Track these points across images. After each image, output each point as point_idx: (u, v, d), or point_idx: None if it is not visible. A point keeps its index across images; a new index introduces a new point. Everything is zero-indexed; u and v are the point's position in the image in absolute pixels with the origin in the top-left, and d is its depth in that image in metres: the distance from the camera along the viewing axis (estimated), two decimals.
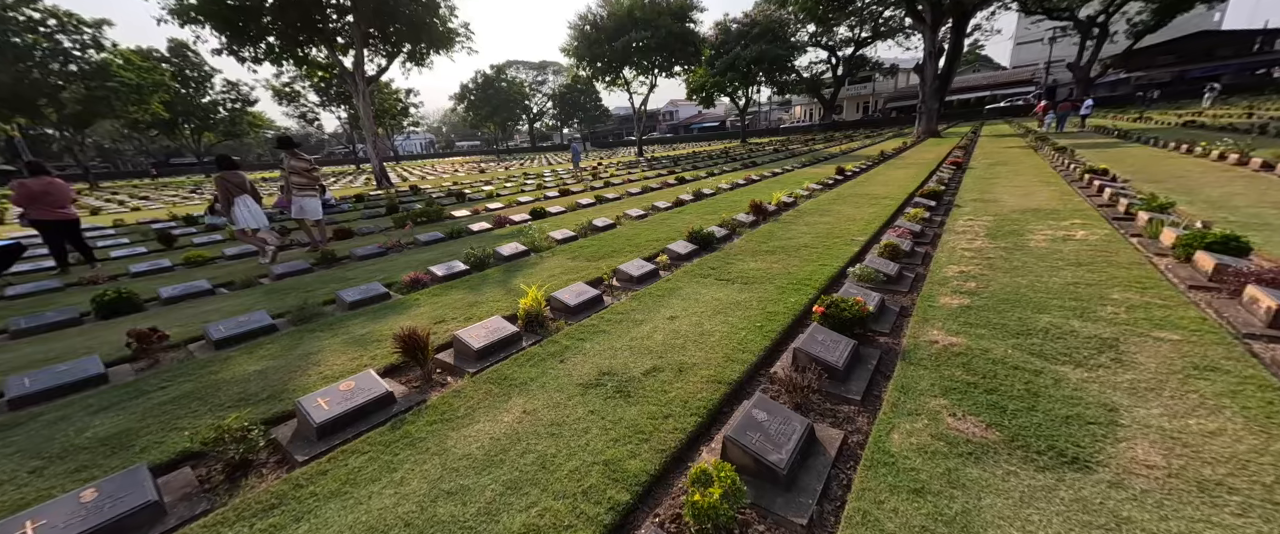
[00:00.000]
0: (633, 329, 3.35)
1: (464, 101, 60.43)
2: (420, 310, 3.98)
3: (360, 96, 17.50)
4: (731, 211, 7.66)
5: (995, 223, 5.66)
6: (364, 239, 7.60)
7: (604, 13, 29.31)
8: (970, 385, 2.33)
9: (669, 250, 5.31)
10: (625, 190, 11.64)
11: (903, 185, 9.26)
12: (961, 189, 8.26)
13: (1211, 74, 41.63)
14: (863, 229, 5.96)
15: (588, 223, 7.22)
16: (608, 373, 2.73)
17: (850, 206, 7.48)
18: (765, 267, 4.64)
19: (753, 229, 6.47)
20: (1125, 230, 4.91)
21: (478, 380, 2.71)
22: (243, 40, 16.75)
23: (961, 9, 23.54)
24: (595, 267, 5.05)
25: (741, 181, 11.91)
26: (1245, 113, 18.38)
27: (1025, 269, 3.98)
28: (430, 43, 19.21)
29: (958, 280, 3.85)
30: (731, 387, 2.52)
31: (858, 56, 47.30)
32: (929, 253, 4.86)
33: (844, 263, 4.62)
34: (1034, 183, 8.26)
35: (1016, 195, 7.21)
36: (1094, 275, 3.70)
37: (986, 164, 11.44)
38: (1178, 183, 7.16)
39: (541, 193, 12.71)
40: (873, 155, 16.31)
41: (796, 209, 7.63)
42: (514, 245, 5.94)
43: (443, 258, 5.74)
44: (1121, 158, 10.50)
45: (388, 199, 12.94)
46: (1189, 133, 14.43)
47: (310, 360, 3.08)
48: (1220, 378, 2.22)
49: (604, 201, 10.34)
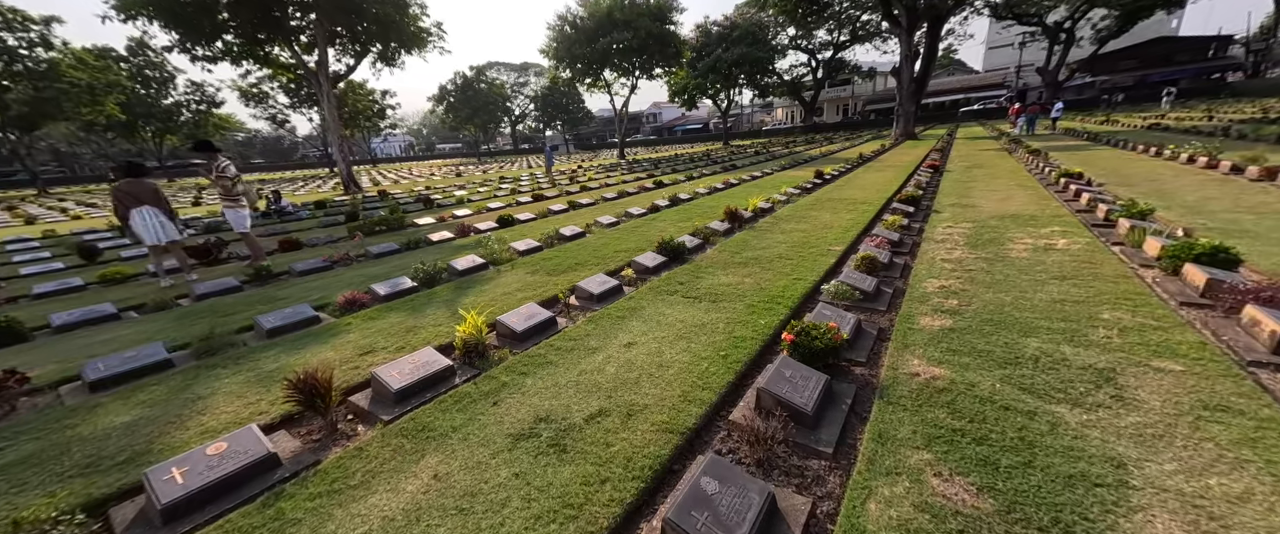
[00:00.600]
0: (584, 360, 2.97)
1: (443, 103, 59.19)
2: (348, 338, 3.53)
3: (325, 98, 16.72)
4: (707, 219, 7.36)
5: (975, 230, 5.45)
6: (313, 251, 7.04)
7: (583, 13, 28.89)
8: (957, 433, 2.02)
9: (636, 263, 4.95)
10: (601, 195, 11.26)
11: (881, 189, 9.09)
12: (939, 193, 8.12)
13: (1170, 78, 43.36)
14: (840, 237, 5.69)
15: (555, 232, 6.81)
16: (546, 418, 2.35)
17: (828, 213, 7.24)
18: (736, 281, 4.32)
19: (727, 237, 6.16)
20: (1106, 238, 4.74)
21: (389, 432, 2.29)
22: (196, 37, 15.82)
23: (935, 13, 23.87)
24: (555, 282, 4.65)
25: (720, 186, 11.64)
26: (1206, 115, 18.97)
27: (1008, 283, 3.73)
28: (400, 42, 18.51)
29: (938, 297, 3.58)
30: (685, 437, 2.16)
31: (837, 60, 47.91)
32: (908, 264, 4.60)
33: (820, 276, 4.32)
34: (1011, 186, 8.16)
35: (994, 200, 7.07)
36: (1081, 290, 3.47)
37: (963, 167, 11.41)
38: (1151, 186, 7.12)
39: (514, 198, 12.24)
40: (851, 158, 16.27)
41: (773, 215, 7.36)
42: (471, 258, 5.50)
43: (393, 273, 5.27)
44: (1093, 160, 10.57)
45: (351, 205, 12.29)
46: (1155, 135, 14.74)
47: (196, 408, 2.61)
48: (1234, 421, 1.95)
49: (577, 208, 9.93)
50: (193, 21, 15.32)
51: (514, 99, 69.73)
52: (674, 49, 30.57)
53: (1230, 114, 18.78)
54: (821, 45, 47.10)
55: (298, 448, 2.24)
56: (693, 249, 5.55)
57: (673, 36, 30.17)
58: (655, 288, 4.27)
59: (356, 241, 6.33)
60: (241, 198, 5.85)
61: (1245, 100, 27.22)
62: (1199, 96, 34.70)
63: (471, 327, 3.12)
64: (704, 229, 6.24)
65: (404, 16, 17.54)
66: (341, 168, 17.71)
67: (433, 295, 4.50)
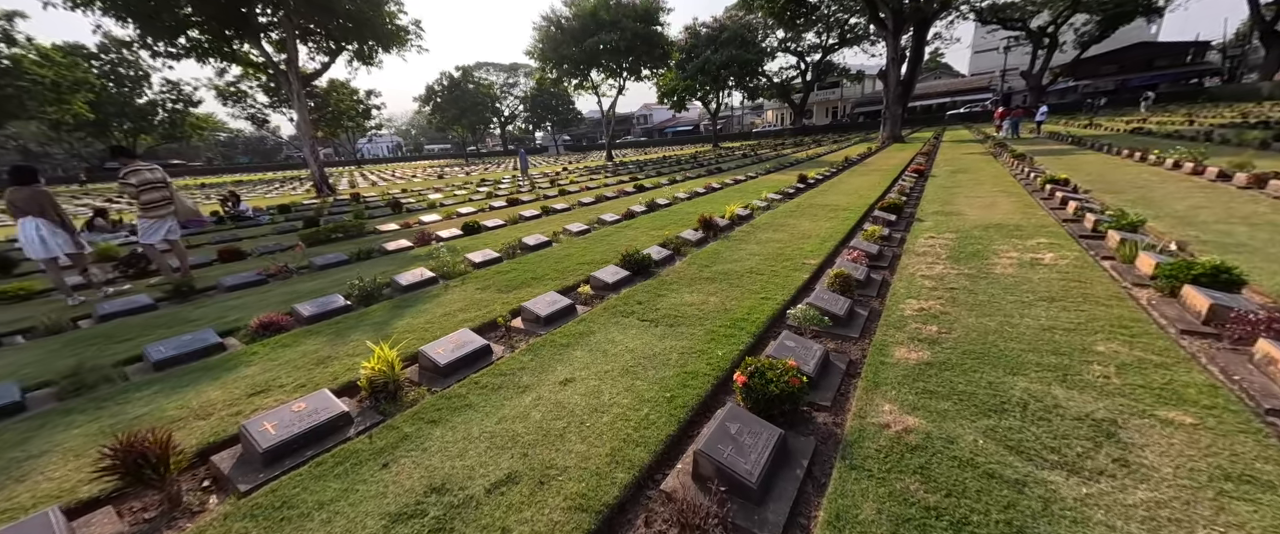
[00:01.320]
0: (509, 402, 2.56)
1: (429, 103, 58.30)
2: (246, 372, 3.07)
3: (295, 97, 16.06)
4: (681, 226, 6.98)
5: (958, 241, 5.13)
6: (255, 262, 6.52)
7: (569, 14, 28.47)
8: (930, 513, 1.64)
9: (596, 279, 4.54)
10: (577, 200, 10.84)
11: (863, 195, 8.79)
12: (923, 200, 7.83)
13: (1150, 83, 44.18)
14: (817, 248, 5.34)
15: (518, 241, 6.38)
16: (440, 488, 1.93)
17: (807, 220, 6.90)
18: (700, 301, 3.93)
19: (699, 248, 5.78)
20: (1096, 252, 4.44)
21: (239, 511, 1.85)
22: (156, 32, 15.11)
23: (921, 16, 23.87)
24: (504, 301, 4.23)
25: (701, 190, 11.28)
26: (1186, 120, 19.09)
27: (993, 305, 3.39)
28: (376, 40, 17.93)
29: (917, 320, 3.22)
30: (601, 518, 1.75)
31: (825, 62, 47.99)
32: (886, 280, 4.26)
33: (790, 295, 3.95)
34: (995, 193, 7.91)
35: (979, 208, 6.78)
36: (1071, 315, 3.13)
37: (948, 171, 11.19)
38: (1139, 194, 6.89)
39: (487, 203, 11.76)
40: (837, 161, 16.04)
41: (751, 223, 7.00)
42: (418, 272, 5.05)
43: (331, 288, 4.80)
44: (1078, 165, 10.39)
45: (316, 210, 11.73)
46: (1139, 139, 14.71)
47: (14, 473, 2.14)
48: (1265, 497, 1.60)
49: (550, 214, 9.50)
50: (152, 15, 14.61)
51: (503, 100, 69.01)
52: (661, 50, 30.28)
53: (1211, 119, 18.92)
54: (810, 48, 47.19)
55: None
56: (660, 262, 5.16)
57: (660, 37, 29.89)
58: (611, 308, 3.87)
59: (298, 252, 5.83)
60: (158, 207, 5.31)
61: (1223, 104, 27.63)
62: (1178, 101, 35.27)
63: (381, 362, 2.69)
64: (675, 239, 5.85)
65: (379, 13, 16.98)
66: (313, 169, 17.06)
67: (364, 317, 4.05)
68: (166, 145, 60.60)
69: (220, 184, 31.10)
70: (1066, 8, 35.53)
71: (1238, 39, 46.76)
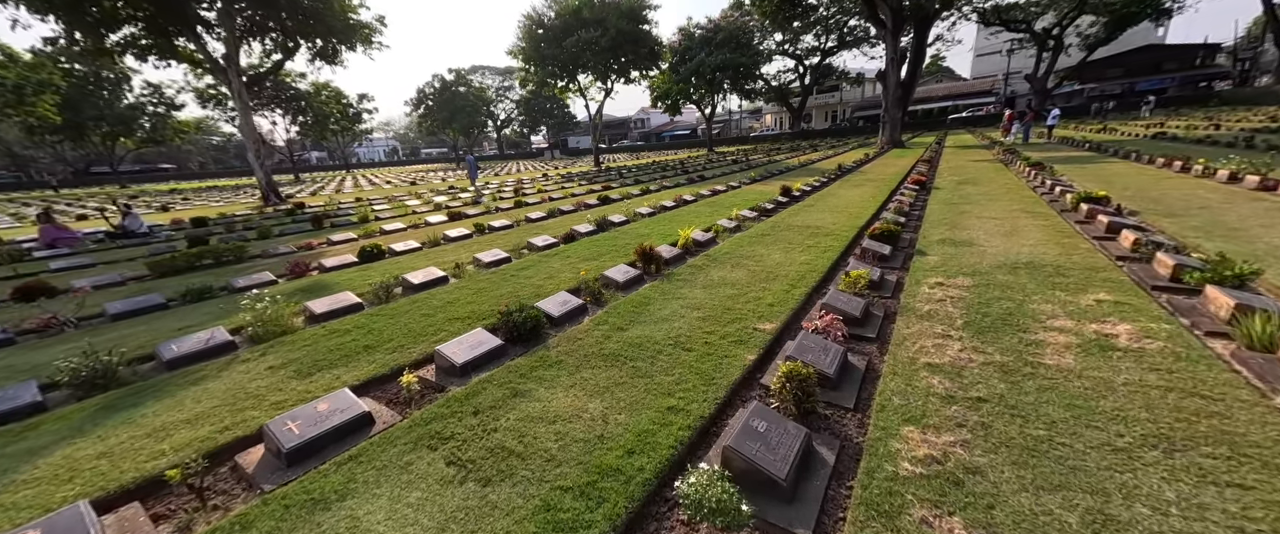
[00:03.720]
0: None
1: (420, 107, 57.05)
2: None
3: (236, 96, 14.65)
4: (622, 256, 5.49)
5: (976, 292, 3.62)
6: (56, 303, 5.01)
7: (551, 13, 27.12)
8: None
9: (443, 356, 3.04)
10: (525, 215, 9.33)
11: (854, 214, 7.29)
12: (926, 221, 6.33)
13: (1158, 87, 42.81)
14: (781, 299, 3.84)
15: (396, 278, 4.89)
16: None
17: (779, 250, 5.40)
18: (574, 408, 2.44)
19: (627, 292, 4.28)
20: (1191, 321, 2.93)
21: None
22: (84, 26, 13.71)
23: (922, 14, 22.47)
24: (281, 398, 2.74)
25: (669, 204, 9.78)
26: (1211, 124, 17.58)
27: (1058, 453, 1.89)
28: (332, 36, 16.55)
29: (919, 491, 1.72)
30: None
31: (824, 65, 46.65)
32: (872, 368, 2.76)
33: (717, 403, 2.45)
34: (1015, 211, 6.41)
35: (998, 234, 5.28)
36: (1207, 487, 1.63)
37: (954, 182, 9.69)
38: (1204, 217, 5.37)
39: (424, 217, 10.26)
40: (830, 169, 14.54)
41: (708, 253, 5.50)
42: (207, 335, 3.55)
43: (102, 345, 3.29)
44: (1108, 176, 8.88)
45: (229, 224, 10.26)
46: (1168, 146, 13.20)
47: None
48: None
49: (484, 233, 8.01)
50: (75, 7, 13.23)
51: (498, 103, 67.98)
52: (648, 50, 28.88)
53: (1238, 122, 17.41)
54: (808, 51, 45.90)
55: None
56: (561, 319, 3.67)
57: (647, 37, 28.49)
58: (414, 429, 2.36)
59: (79, 296, 4.32)
60: None
61: (1242, 108, 26.15)
62: (1187, 105, 33.81)
63: None
64: (597, 281, 4.36)
65: (330, 8, 15.59)
66: (259, 177, 15.61)
67: (38, 427, 2.55)
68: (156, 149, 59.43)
69: (157, 192, 29.76)
70: (1072, 9, 34.16)
71: (1250, 41, 45.30)
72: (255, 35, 16.31)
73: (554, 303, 3.84)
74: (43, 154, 65.31)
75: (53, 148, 56.58)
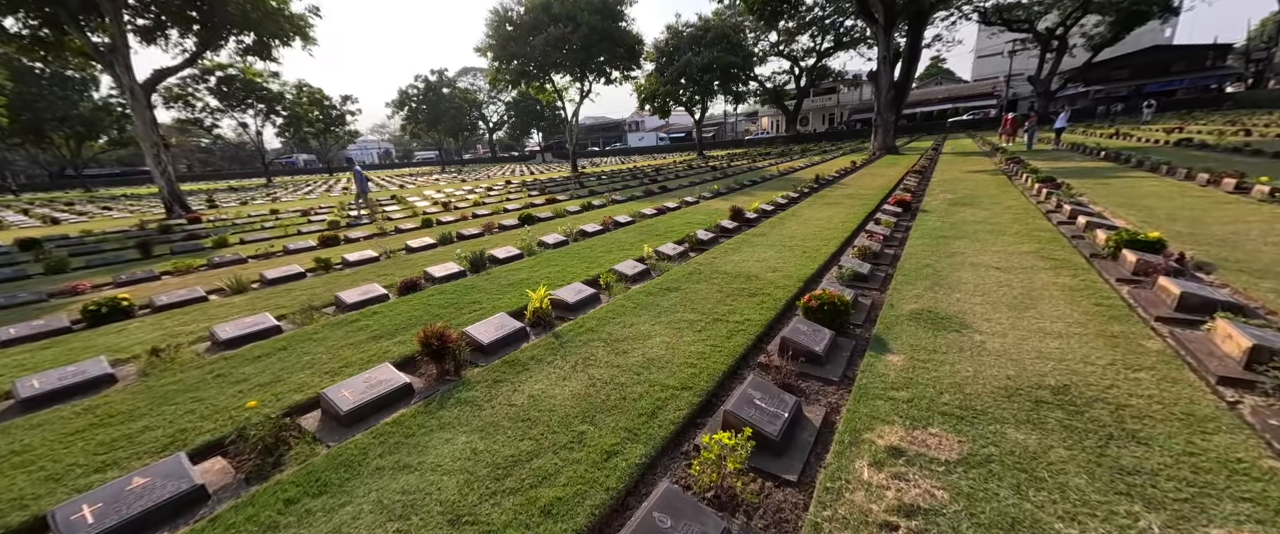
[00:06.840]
0: None
1: (403, 108, 55.29)
2: None
3: (127, 91, 12.82)
4: (410, 341, 3.60)
5: (968, 490, 1.74)
6: None
7: (520, 8, 25.34)
8: None
9: None
10: (404, 242, 7.40)
11: (810, 250, 5.42)
12: (900, 271, 4.44)
13: (1166, 88, 41.01)
14: (583, 478, 1.97)
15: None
16: None
17: (667, 328, 3.52)
18: None
19: (338, 440, 2.41)
20: None
21: None
22: None
23: (917, 8, 20.61)
24: None
25: (593, 229, 7.84)
26: (1241, 129, 15.69)
27: None
28: (248, 28, 14.74)
29: None
30: None
31: (820, 67, 44.82)
32: None
33: None
34: (1026, 254, 4.53)
35: (1005, 305, 3.40)
36: None
37: (948, 203, 7.81)
38: None
39: (284, 243, 8.27)
40: (807, 180, 12.67)
41: (574, 323, 3.63)
42: None
43: None
44: (1138, 197, 7.00)
45: (80, 242, 8.40)
46: (1194, 155, 11.33)
47: None
48: None
49: (322, 271, 6.13)
50: None
51: (489, 105, 66.30)
52: (625, 47, 27.05)
53: (1270, 128, 15.53)
54: (804, 52, 44.03)
55: None
56: None
57: (624, 34, 26.67)
58: None
59: None
60: None
61: (1262, 112, 24.28)
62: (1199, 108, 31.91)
63: None
64: (276, 423, 2.49)
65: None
66: (160, 184, 13.75)
67: None
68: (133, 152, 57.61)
69: (51, 200, 28.03)
70: (1076, 8, 32.33)
71: (1264, 41, 43.38)
72: (163, 29, 14.48)
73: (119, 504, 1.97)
74: (18, 158, 63.67)
75: (24, 150, 54.85)
